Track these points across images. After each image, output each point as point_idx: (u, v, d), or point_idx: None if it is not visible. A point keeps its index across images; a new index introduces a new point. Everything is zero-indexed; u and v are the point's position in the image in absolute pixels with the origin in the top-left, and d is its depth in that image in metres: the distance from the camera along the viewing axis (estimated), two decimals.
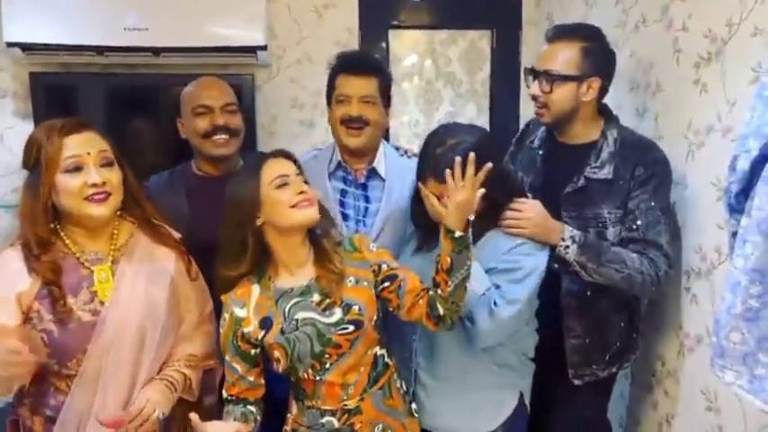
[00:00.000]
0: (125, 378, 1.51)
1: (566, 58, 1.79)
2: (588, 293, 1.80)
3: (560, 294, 1.83)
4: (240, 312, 1.50)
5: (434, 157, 1.56)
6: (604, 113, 1.87)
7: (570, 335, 1.85)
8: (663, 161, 1.78)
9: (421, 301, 1.52)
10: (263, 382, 1.55)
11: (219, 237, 1.51)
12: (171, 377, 1.56)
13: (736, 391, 1.24)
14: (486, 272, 1.59)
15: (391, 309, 1.57)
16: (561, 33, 1.83)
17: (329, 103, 1.93)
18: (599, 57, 1.80)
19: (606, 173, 1.77)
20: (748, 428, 1.57)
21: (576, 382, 1.87)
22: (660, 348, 1.97)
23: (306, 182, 1.51)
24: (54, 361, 1.48)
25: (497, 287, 1.57)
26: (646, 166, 1.75)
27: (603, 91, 1.83)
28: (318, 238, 1.55)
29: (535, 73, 1.84)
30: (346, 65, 1.90)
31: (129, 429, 1.43)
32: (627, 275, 1.70)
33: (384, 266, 1.56)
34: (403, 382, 1.66)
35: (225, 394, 1.55)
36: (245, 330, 1.49)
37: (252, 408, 1.53)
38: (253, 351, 1.50)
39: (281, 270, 1.53)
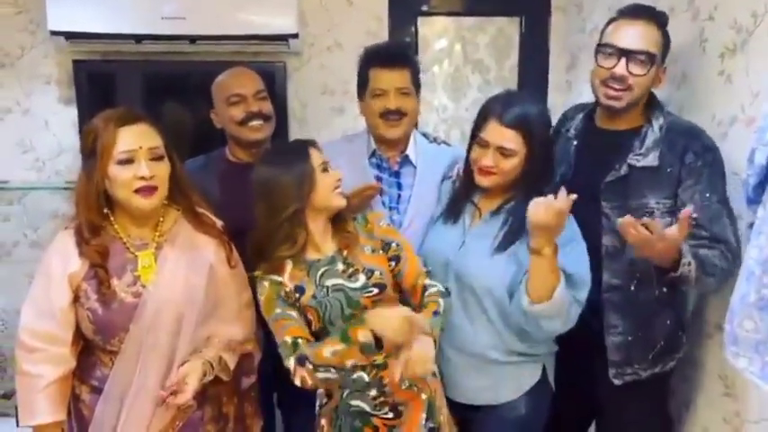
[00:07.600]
0: (163, 357, 1.60)
1: (655, 40, 1.70)
2: (632, 288, 1.71)
3: (601, 289, 1.74)
4: (277, 278, 1.61)
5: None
6: (651, 100, 1.79)
7: (611, 332, 1.75)
8: (713, 148, 1.68)
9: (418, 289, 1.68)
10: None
11: (263, 220, 1.60)
12: (208, 356, 1.63)
13: (748, 377, 1.28)
14: None
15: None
16: (645, 13, 1.72)
17: (361, 94, 1.97)
18: (668, 45, 1.75)
19: (651, 160, 1.69)
20: (764, 414, 1.60)
21: (617, 381, 1.77)
22: None
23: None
24: (99, 338, 1.58)
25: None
26: (696, 153, 1.65)
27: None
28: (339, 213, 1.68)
29: (625, 52, 1.68)
30: (379, 58, 1.92)
31: (168, 401, 1.52)
32: (720, 277, 1.61)
33: (393, 245, 1.70)
34: None
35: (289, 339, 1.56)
36: (285, 290, 1.60)
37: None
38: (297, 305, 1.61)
39: (309, 245, 1.64)
